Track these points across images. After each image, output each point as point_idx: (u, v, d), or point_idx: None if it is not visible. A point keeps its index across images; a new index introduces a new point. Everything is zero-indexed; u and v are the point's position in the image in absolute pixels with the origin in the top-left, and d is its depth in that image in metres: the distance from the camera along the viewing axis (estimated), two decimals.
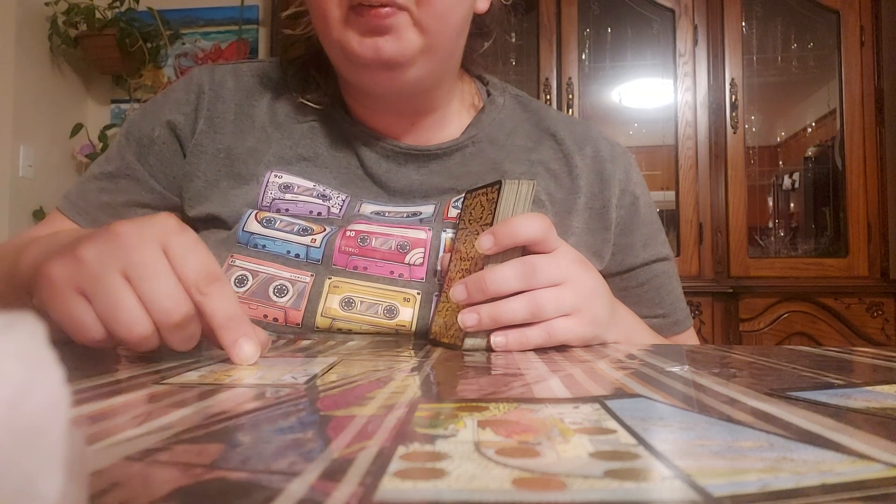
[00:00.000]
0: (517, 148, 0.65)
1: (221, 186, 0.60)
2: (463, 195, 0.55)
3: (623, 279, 0.65)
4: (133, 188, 0.62)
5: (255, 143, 0.62)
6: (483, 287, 0.44)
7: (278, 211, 0.58)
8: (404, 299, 0.53)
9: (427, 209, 0.60)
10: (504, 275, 0.44)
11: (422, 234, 0.56)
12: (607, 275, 0.64)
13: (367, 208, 0.60)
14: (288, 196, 0.59)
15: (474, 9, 0.60)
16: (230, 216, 0.58)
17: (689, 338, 0.69)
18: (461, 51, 0.62)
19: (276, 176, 0.60)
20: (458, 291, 0.45)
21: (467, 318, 0.44)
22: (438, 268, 0.54)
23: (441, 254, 0.55)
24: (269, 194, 0.59)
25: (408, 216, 0.59)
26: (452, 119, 0.66)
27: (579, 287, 0.46)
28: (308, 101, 0.63)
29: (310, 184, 0.60)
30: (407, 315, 0.53)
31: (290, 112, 0.63)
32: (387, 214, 0.59)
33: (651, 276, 0.65)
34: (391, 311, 0.53)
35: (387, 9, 0.51)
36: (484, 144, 0.64)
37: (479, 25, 0.64)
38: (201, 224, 0.60)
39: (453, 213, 0.58)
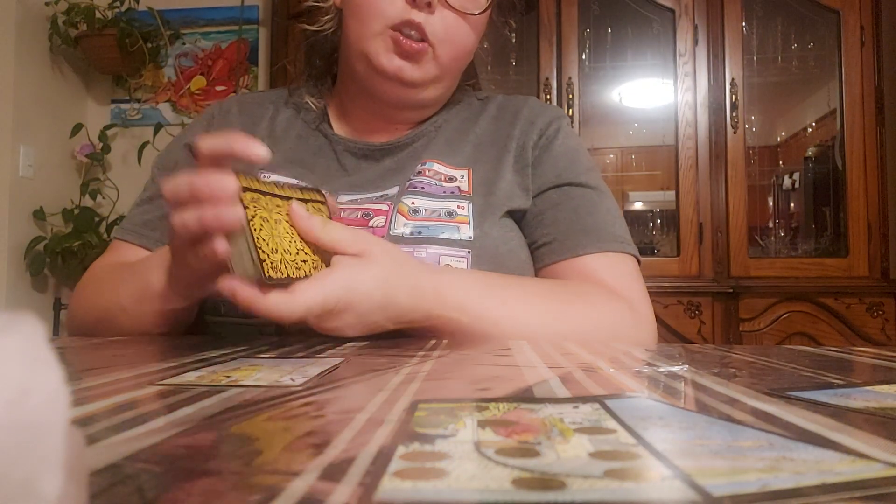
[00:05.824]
0: (469, 132, 0.72)
1: None
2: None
3: (537, 203, 0.68)
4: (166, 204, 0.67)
5: None
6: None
7: None
8: None
9: (392, 190, 0.66)
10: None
11: (384, 206, 0.64)
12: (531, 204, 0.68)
13: (343, 198, 0.66)
14: None
15: None
16: None
17: (604, 269, 0.63)
18: (461, 74, 0.72)
19: (265, 177, 0.65)
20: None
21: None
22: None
23: (395, 216, 0.62)
24: None
25: (376, 199, 0.66)
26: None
27: (348, 315, 0.47)
28: (309, 101, 0.74)
29: (293, 181, 0.66)
30: None
31: (285, 127, 0.74)
32: (359, 200, 0.66)
33: (565, 198, 0.67)
34: None
35: (421, 43, 0.62)
36: (444, 129, 0.73)
37: None
38: None
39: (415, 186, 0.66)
